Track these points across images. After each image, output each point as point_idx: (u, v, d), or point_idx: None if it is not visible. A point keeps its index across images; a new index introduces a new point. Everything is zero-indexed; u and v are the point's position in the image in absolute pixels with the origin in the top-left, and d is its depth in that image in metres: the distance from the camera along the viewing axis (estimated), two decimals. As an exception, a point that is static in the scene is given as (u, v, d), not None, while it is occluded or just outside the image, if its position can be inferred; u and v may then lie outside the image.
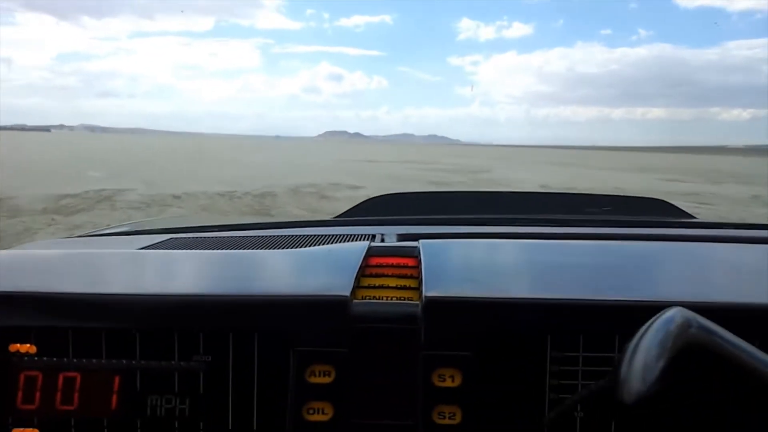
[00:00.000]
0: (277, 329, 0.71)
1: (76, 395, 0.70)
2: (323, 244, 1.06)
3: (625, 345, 0.50)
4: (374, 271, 0.85)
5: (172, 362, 0.70)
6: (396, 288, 0.80)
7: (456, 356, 0.69)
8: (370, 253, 0.90)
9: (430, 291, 0.72)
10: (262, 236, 1.19)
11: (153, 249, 1.06)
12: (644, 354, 0.48)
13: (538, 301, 0.72)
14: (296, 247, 1.03)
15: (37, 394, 0.70)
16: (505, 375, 0.70)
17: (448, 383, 0.68)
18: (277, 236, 1.17)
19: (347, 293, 0.72)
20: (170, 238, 1.19)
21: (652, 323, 0.50)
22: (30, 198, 9.30)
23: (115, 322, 0.71)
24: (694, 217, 1.48)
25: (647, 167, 31.39)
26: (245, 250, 1.04)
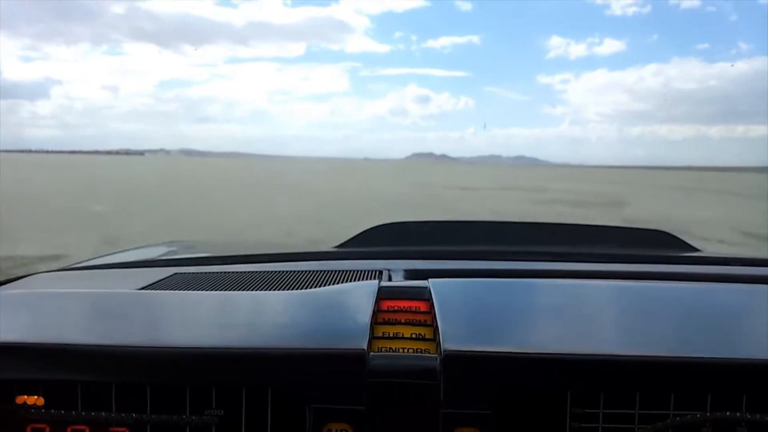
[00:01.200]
0: (292, 384, 0.70)
1: None
2: (331, 280, 1.04)
3: None
4: (387, 317, 0.83)
5: (184, 416, 0.69)
6: (411, 339, 0.78)
7: (475, 415, 0.68)
8: (381, 295, 0.88)
9: (448, 344, 0.71)
10: (268, 271, 1.15)
11: (157, 289, 1.03)
12: None
13: (558, 356, 0.70)
14: (304, 286, 1.01)
15: None
16: None
17: None
18: (282, 271, 1.14)
19: (364, 346, 0.71)
20: (174, 274, 1.14)
21: None
22: None
23: (126, 375, 0.70)
24: (700, 251, 1.46)
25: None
26: (253, 292, 1.00)
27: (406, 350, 0.76)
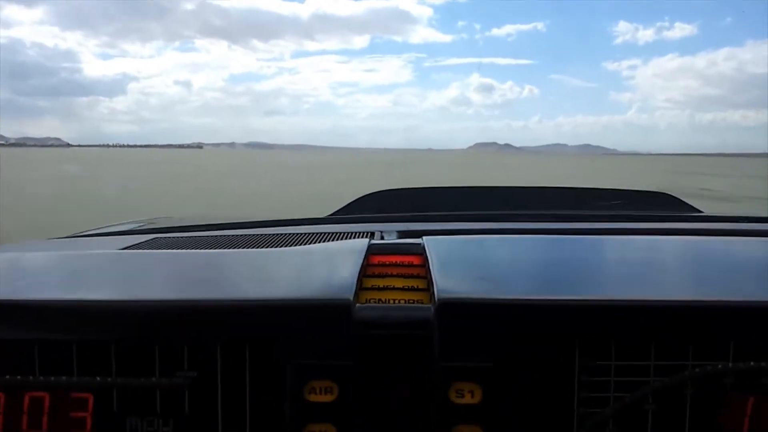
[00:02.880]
0: (271, 340, 0.64)
1: (44, 418, 0.63)
2: (319, 241, 1.00)
3: None
4: (377, 270, 0.77)
5: (153, 378, 0.63)
6: (403, 289, 0.73)
7: (475, 368, 0.63)
8: (371, 251, 0.82)
9: (443, 292, 0.66)
10: (253, 234, 1.10)
11: (134, 249, 0.99)
12: None
13: (563, 301, 0.65)
14: (291, 245, 0.96)
15: (0, 417, 0.63)
16: (529, 388, 0.64)
17: (467, 399, 0.62)
18: (269, 235, 1.09)
19: (350, 296, 0.66)
20: (155, 238, 1.10)
21: None
22: None
23: (87, 333, 0.65)
24: (701, 211, 1.45)
25: None
26: (234, 250, 0.95)
27: (396, 301, 0.70)
